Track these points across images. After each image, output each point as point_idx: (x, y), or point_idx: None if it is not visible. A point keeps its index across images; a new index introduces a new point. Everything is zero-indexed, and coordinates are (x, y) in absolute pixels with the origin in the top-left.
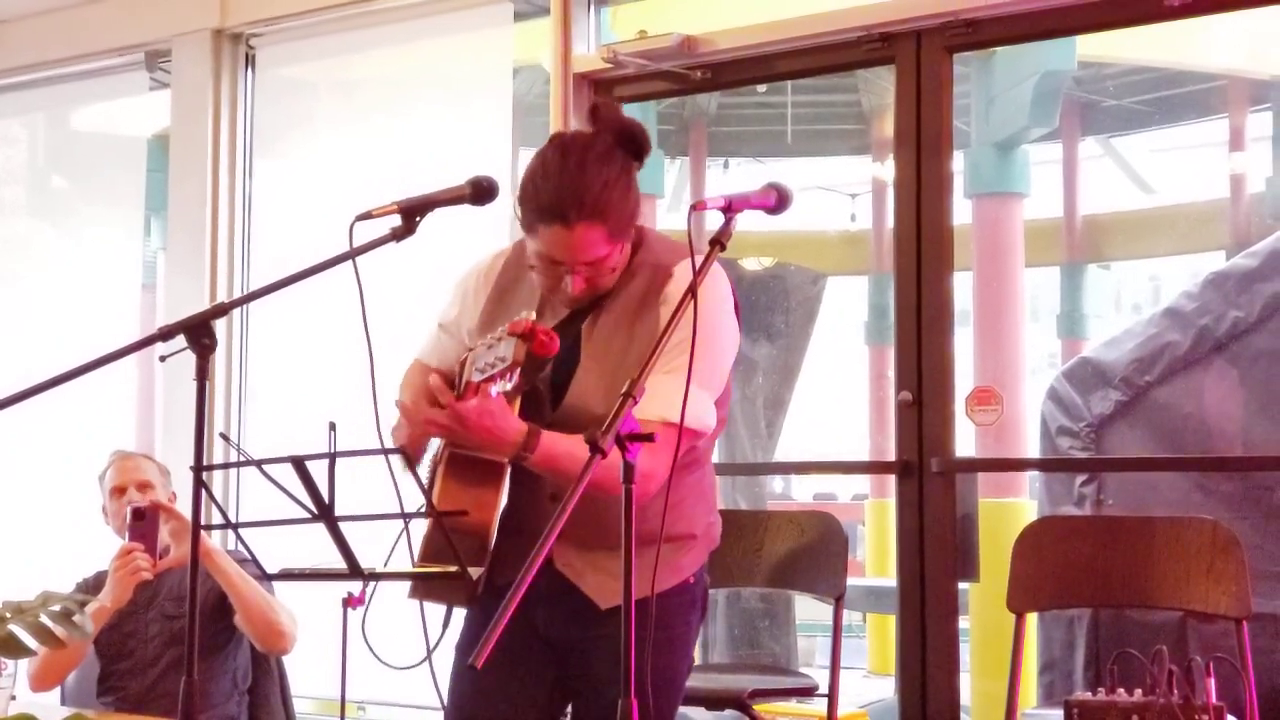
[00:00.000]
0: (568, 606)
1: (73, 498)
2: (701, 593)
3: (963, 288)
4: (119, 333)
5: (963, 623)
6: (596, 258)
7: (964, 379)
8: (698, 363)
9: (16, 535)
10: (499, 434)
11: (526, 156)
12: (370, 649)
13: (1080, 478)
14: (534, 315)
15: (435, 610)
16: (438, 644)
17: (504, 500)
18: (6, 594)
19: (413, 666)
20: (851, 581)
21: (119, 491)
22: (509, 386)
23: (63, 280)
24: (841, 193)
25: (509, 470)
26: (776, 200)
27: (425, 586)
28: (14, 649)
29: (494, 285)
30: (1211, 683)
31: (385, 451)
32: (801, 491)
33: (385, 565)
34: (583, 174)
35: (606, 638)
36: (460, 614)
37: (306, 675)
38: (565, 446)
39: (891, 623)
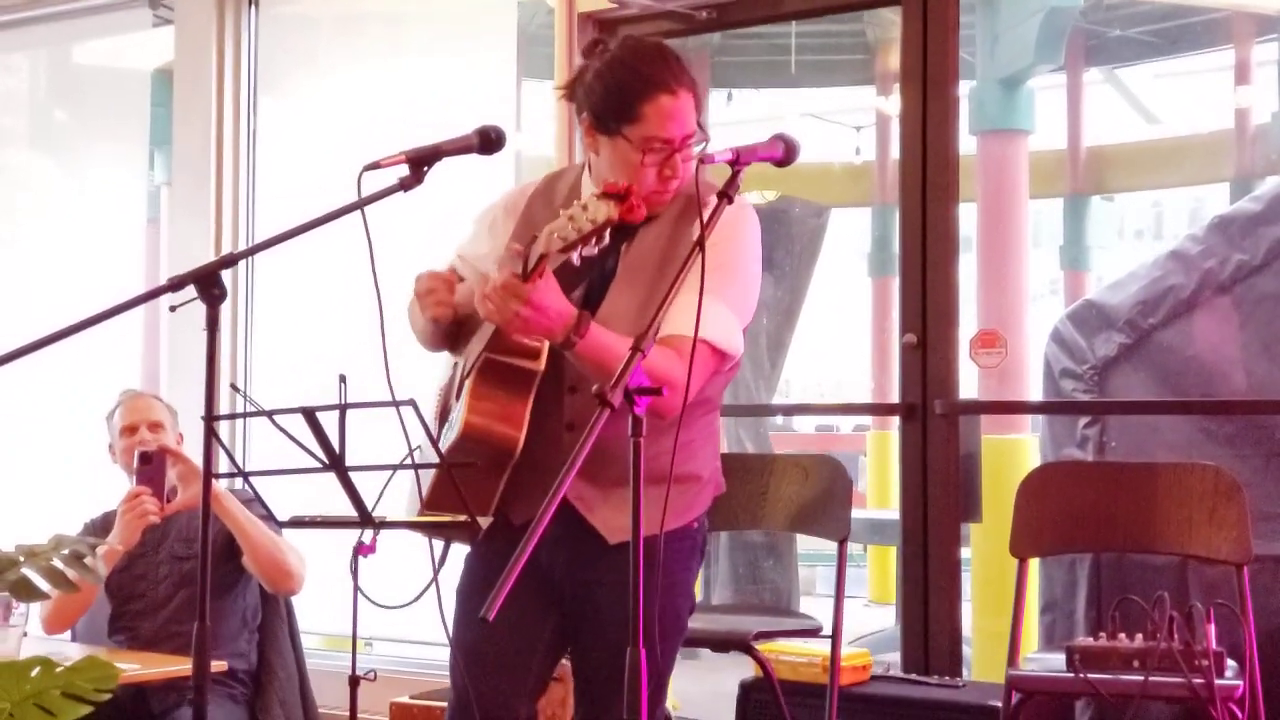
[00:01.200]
0: (574, 543)
1: (79, 440)
2: (703, 538)
3: (966, 222)
4: (123, 268)
5: (964, 553)
6: (693, 131)
7: (967, 314)
8: (729, 288)
9: (23, 477)
10: (554, 315)
11: (531, 89)
12: (362, 593)
13: (1083, 420)
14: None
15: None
16: (434, 579)
17: (529, 413)
18: (16, 537)
19: (406, 605)
20: (853, 514)
21: (130, 430)
22: (595, 251)
23: (66, 214)
24: (845, 124)
25: (537, 383)
26: (784, 152)
27: (430, 527)
28: (27, 592)
29: (520, 216)
30: (1211, 628)
31: (396, 404)
32: (804, 423)
33: (377, 504)
34: (668, 51)
35: (611, 578)
36: (457, 550)
37: (313, 612)
38: (611, 338)
39: (892, 553)
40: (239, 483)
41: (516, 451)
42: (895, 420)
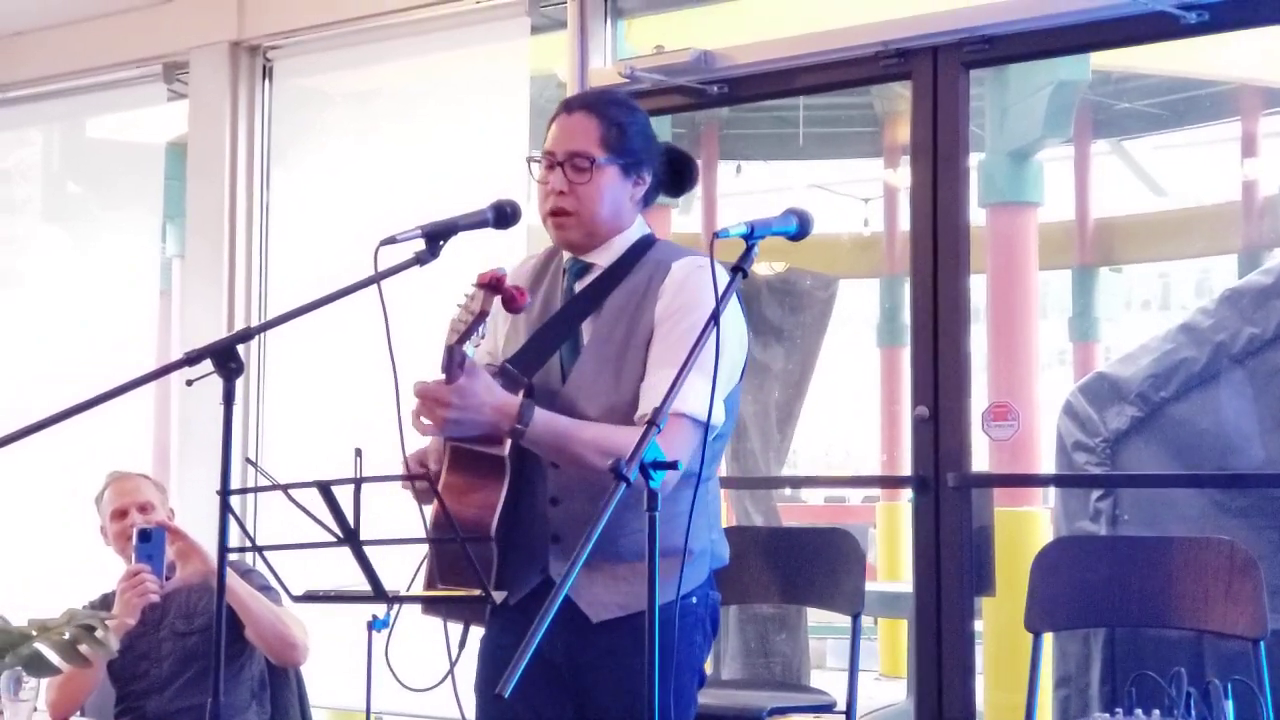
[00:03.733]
0: (566, 626)
1: (86, 516)
2: (706, 612)
3: (976, 294)
4: (135, 340)
5: (976, 626)
6: (581, 150)
7: (977, 386)
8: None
9: (29, 553)
10: (489, 411)
11: None
12: (394, 674)
13: (1096, 493)
14: (506, 270)
15: (456, 625)
16: (456, 660)
17: (503, 498)
18: (29, 613)
19: (433, 688)
20: (865, 586)
21: (120, 514)
22: (480, 341)
23: (79, 286)
24: (854, 196)
25: (509, 468)
26: (798, 225)
27: (442, 605)
28: (40, 667)
29: (526, 278)
30: (1229, 705)
31: (412, 478)
32: (813, 494)
33: (409, 588)
34: (604, 90)
35: (607, 663)
36: (475, 632)
37: (325, 685)
38: (563, 424)
39: (903, 626)
40: (253, 562)
41: (491, 536)
42: (905, 493)
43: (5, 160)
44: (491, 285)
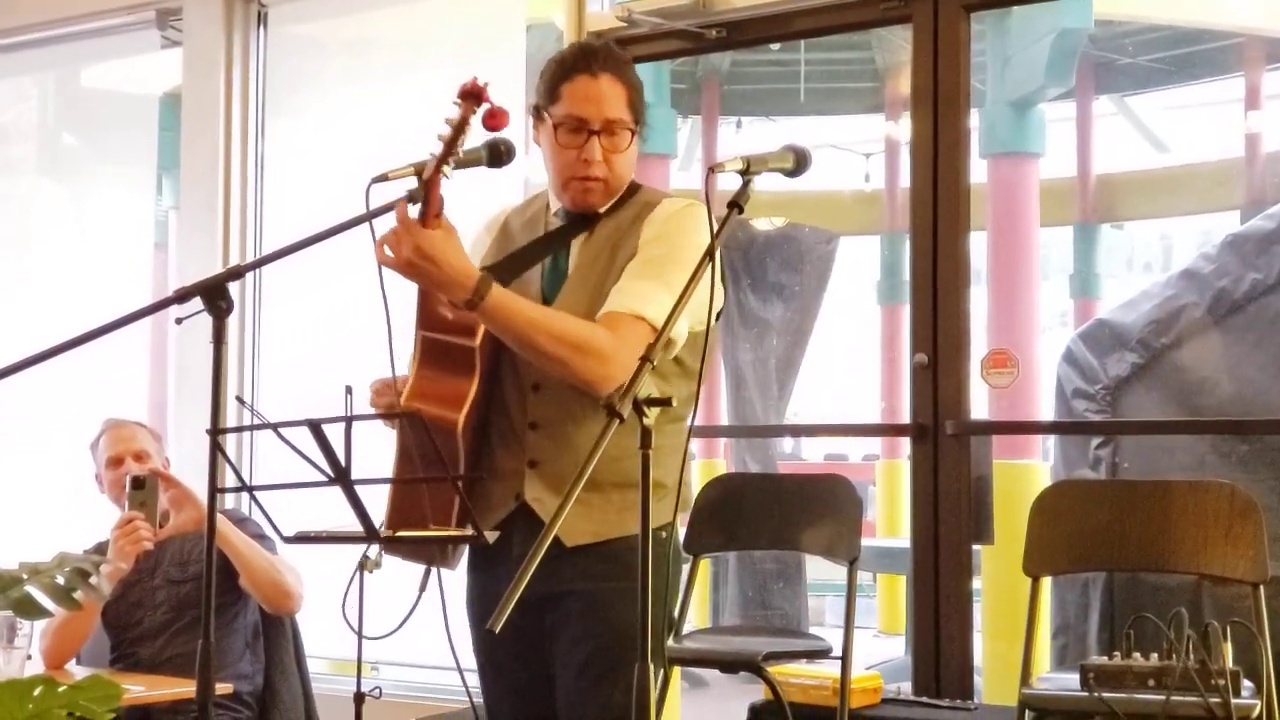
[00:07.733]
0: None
1: (82, 461)
2: (672, 550)
3: (977, 247)
4: (131, 292)
5: (975, 583)
6: (617, 118)
7: (977, 339)
8: (673, 273)
9: (25, 499)
10: (448, 269)
11: None
12: (347, 622)
13: (1096, 440)
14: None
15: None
16: (415, 605)
17: (474, 393)
18: (24, 556)
19: (389, 635)
20: (863, 542)
21: (116, 462)
22: (460, 155)
23: (74, 239)
24: (855, 152)
25: (479, 362)
26: (794, 162)
27: (404, 545)
28: (30, 610)
29: (500, 226)
30: (1229, 647)
31: (401, 414)
32: (812, 451)
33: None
34: (610, 47)
35: (579, 587)
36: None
37: (319, 635)
38: (522, 305)
39: (902, 582)
40: (230, 502)
41: (458, 438)
42: (904, 450)
43: (2, 115)
44: (473, 94)
